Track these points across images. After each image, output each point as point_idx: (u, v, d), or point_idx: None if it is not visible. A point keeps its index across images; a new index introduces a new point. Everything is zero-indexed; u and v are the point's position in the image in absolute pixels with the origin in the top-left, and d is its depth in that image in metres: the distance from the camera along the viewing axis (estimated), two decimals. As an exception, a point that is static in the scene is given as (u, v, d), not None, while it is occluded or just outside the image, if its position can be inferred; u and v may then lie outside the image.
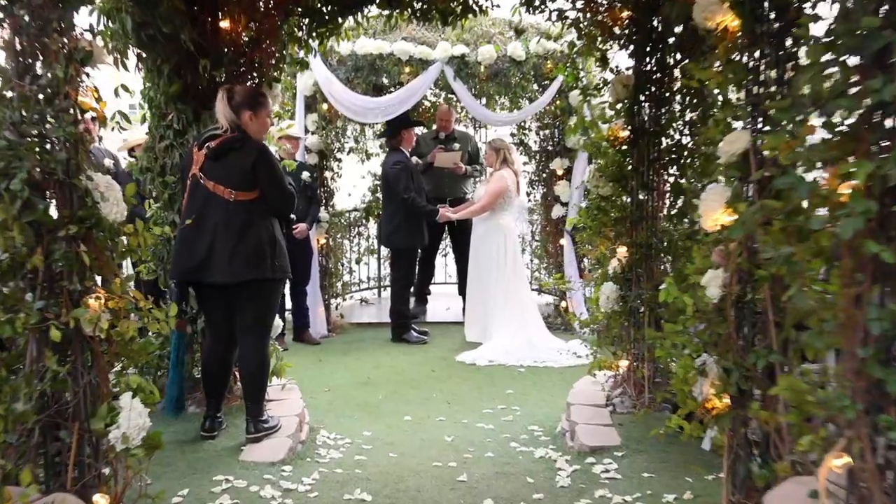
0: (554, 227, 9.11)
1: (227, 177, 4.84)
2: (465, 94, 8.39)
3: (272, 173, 4.93)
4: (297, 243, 8.17)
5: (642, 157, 5.50)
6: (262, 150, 4.95)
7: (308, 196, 8.32)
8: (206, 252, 4.84)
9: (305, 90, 8.56)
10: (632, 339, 5.61)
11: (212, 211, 4.85)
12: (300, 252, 8.35)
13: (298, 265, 8.34)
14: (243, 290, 4.90)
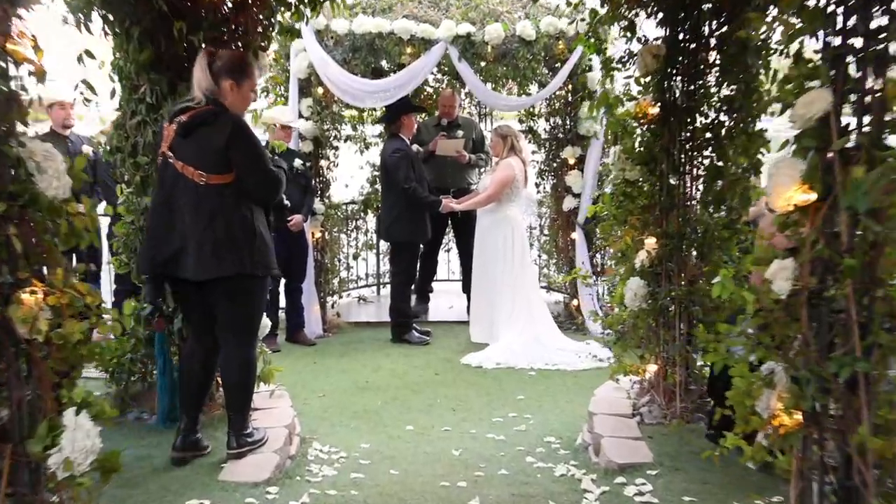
0: (565, 219, 8.47)
1: (198, 157, 4.17)
2: (470, 77, 7.75)
3: (250, 152, 4.25)
4: (291, 237, 7.59)
5: (673, 137, 4.88)
6: (239, 124, 4.25)
7: (302, 185, 7.72)
8: (178, 243, 4.18)
9: (299, 73, 7.93)
10: (661, 341, 4.98)
11: (182, 196, 4.19)
12: (295, 246, 7.76)
13: (294, 260, 7.77)
14: (218, 287, 4.24)
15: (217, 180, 4.16)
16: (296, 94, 8.04)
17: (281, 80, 8.19)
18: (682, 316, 4.87)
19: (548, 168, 8.76)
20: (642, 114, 4.94)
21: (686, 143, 4.87)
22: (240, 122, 4.28)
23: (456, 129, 8.56)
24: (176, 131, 4.20)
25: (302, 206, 7.69)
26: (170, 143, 4.22)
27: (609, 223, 5.23)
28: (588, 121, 8.02)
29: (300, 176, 7.67)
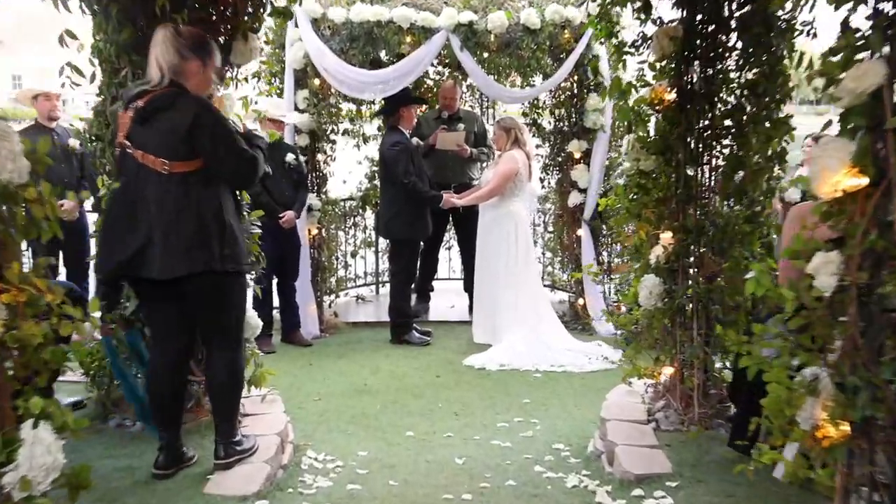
0: (570, 216, 8.15)
1: (159, 144, 3.76)
2: (472, 67, 7.43)
3: (218, 134, 3.82)
4: (283, 234, 7.28)
5: (691, 124, 4.56)
6: (203, 105, 3.83)
7: (295, 180, 7.39)
8: (142, 239, 3.77)
9: (295, 63, 7.61)
10: (678, 342, 4.67)
11: (144, 188, 3.79)
12: (288, 244, 7.44)
13: (287, 258, 7.46)
14: (188, 286, 3.85)
15: (182, 168, 3.76)
16: (291, 85, 7.73)
17: (273, 66, 7.86)
18: (701, 315, 4.55)
19: (552, 162, 8.44)
20: (657, 100, 4.62)
21: (704, 132, 4.55)
22: (204, 102, 3.86)
23: (457, 123, 8.25)
24: (133, 118, 3.80)
25: (294, 201, 7.37)
26: (127, 131, 3.82)
27: (622, 217, 4.91)
28: (594, 113, 7.71)
29: (292, 171, 7.35)
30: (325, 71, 7.49)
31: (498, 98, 8.45)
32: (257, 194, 6.93)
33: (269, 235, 6.95)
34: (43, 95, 6.97)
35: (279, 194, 7.22)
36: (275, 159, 7.18)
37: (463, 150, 8.03)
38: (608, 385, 6.15)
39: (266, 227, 6.97)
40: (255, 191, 6.95)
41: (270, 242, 7.08)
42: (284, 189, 7.27)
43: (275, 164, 7.21)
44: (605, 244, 8.27)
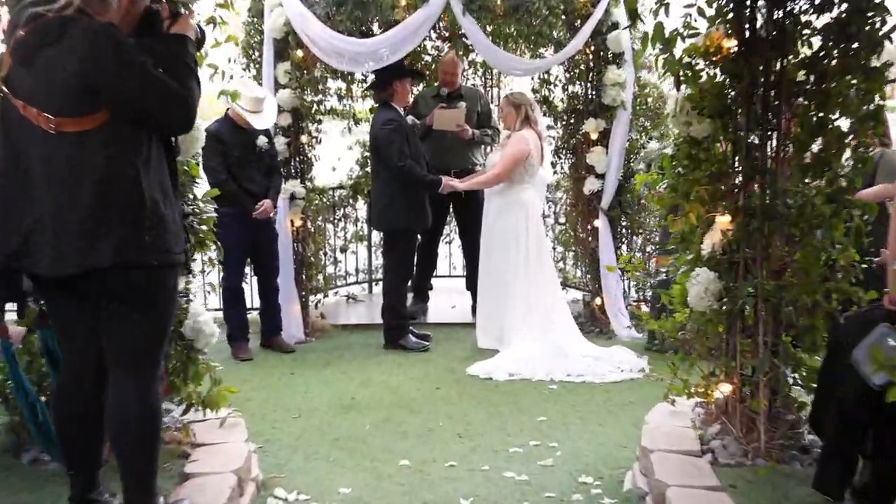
0: (585, 205, 7.17)
1: (44, 92, 2.69)
2: (477, 34, 6.45)
3: (126, 69, 2.70)
4: (256, 224, 6.33)
5: (755, 79, 3.59)
6: (101, 33, 2.69)
7: (267, 165, 6.46)
8: (30, 222, 2.74)
9: (275, 32, 6.64)
10: (738, 353, 3.69)
11: (32, 151, 2.74)
12: (265, 236, 6.49)
13: (262, 251, 6.49)
14: (92, 285, 2.80)
15: (72, 126, 2.67)
16: (271, 57, 6.76)
17: (251, 36, 6.91)
18: (767, 319, 3.58)
19: (566, 145, 7.44)
20: (714, 48, 3.65)
21: (773, 88, 3.58)
22: (103, 30, 2.70)
23: (458, 101, 7.29)
24: (11, 53, 2.75)
25: (268, 189, 6.40)
26: (7, 70, 2.76)
27: (666, 196, 3.93)
28: (614, 88, 6.74)
29: (264, 155, 6.37)
30: (308, 39, 6.52)
31: (506, 69, 7.39)
32: (223, 182, 6.00)
33: (239, 226, 6.13)
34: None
35: (249, 182, 6.27)
36: (243, 143, 6.27)
37: (463, 130, 7.07)
38: (636, 399, 5.25)
39: (235, 216, 6.09)
40: (220, 178, 6.03)
41: (241, 234, 6.20)
42: (254, 175, 6.33)
43: (244, 148, 6.29)
44: (624, 236, 7.31)
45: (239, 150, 6.24)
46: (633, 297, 7.41)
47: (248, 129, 6.24)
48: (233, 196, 6.10)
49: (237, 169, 6.22)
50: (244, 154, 6.26)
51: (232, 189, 6.08)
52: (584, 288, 7.72)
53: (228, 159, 6.21)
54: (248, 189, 6.24)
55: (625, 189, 7.02)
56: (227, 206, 6.25)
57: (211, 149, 6.05)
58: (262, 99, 6.24)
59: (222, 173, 6.13)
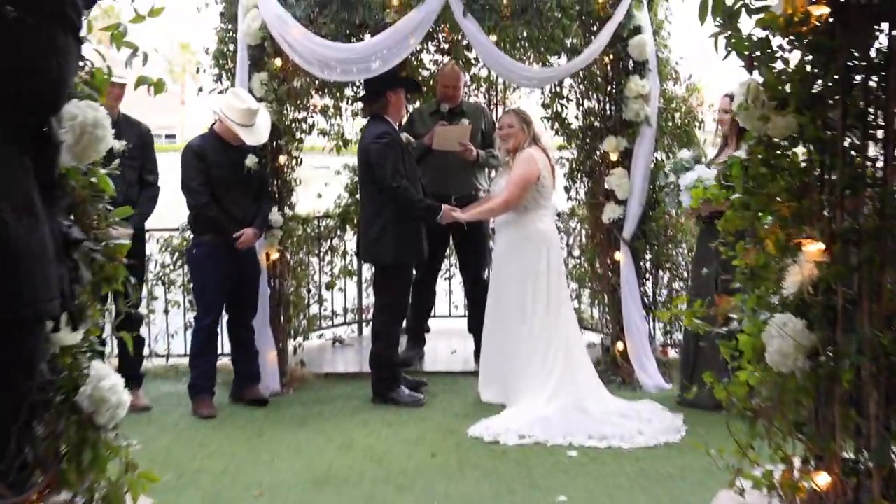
0: (605, 235, 6.20)
1: None
2: (480, 38, 5.53)
3: None
4: (239, 258, 5.48)
5: (852, 62, 2.63)
6: None
7: (255, 188, 5.60)
8: None
9: (250, 37, 5.72)
10: (839, 430, 2.69)
11: None
12: (246, 271, 5.61)
13: (244, 290, 5.58)
14: None
15: None
16: (245, 67, 5.84)
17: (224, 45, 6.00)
18: (881, 385, 2.58)
19: (581, 167, 6.47)
20: (798, 18, 2.68)
21: (879, 70, 2.62)
22: None
23: (459, 118, 6.36)
24: None
25: (254, 217, 5.51)
26: None
27: (734, 216, 2.92)
28: (637, 101, 5.80)
29: (253, 176, 5.49)
30: (287, 46, 5.62)
31: (514, 78, 6.36)
32: (203, 206, 5.12)
33: (219, 257, 5.35)
34: None
35: (234, 206, 5.43)
36: (230, 162, 5.38)
37: (467, 150, 6.12)
38: (674, 470, 4.32)
39: (215, 246, 5.28)
40: (201, 201, 5.14)
41: (221, 267, 5.38)
42: (240, 199, 5.48)
43: (230, 167, 5.36)
44: (647, 270, 6.32)
45: (224, 170, 5.39)
46: (660, 341, 6.43)
47: (236, 145, 5.39)
48: (214, 222, 5.31)
49: (221, 191, 5.39)
50: (230, 175, 5.41)
51: (213, 214, 5.30)
52: (603, 330, 6.73)
53: (212, 180, 5.36)
54: (232, 214, 5.39)
55: (650, 217, 6.05)
56: (207, 233, 5.39)
57: (192, 167, 5.30)
58: (255, 111, 5.39)
59: (204, 195, 5.31)
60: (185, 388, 5.56)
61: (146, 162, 5.59)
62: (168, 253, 6.37)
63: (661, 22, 6.02)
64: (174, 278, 6.44)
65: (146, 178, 5.58)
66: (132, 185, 5.50)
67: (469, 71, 7.19)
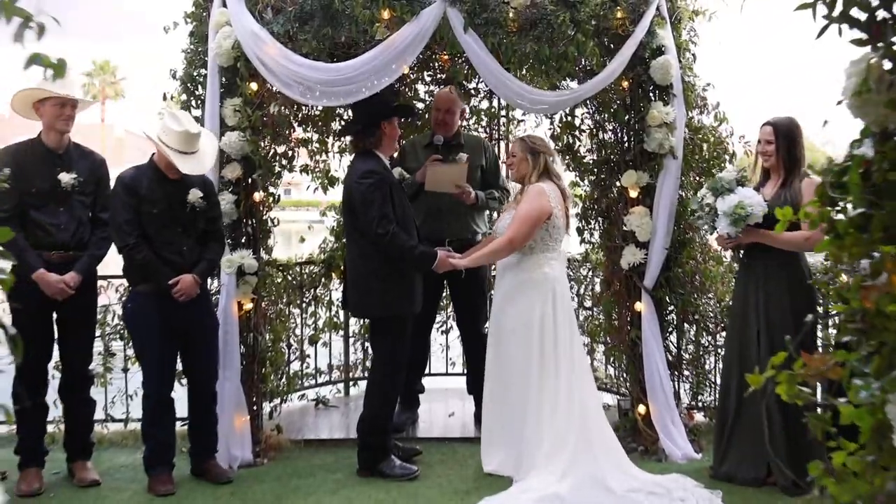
0: (623, 282, 5.41)
1: None
2: (481, 56, 4.80)
3: None
4: (192, 311, 4.66)
5: None
6: None
7: (201, 228, 4.75)
8: None
9: (221, 57, 5.00)
10: None
11: None
12: (199, 325, 4.77)
13: (198, 349, 4.71)
14: None
15: None
16: (216, 92, 5.10)
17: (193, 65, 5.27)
18: None
19: (595, 206, 5.70)
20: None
21: None
22: None
23: (456, 151, 5.61)
24: None
25: (198, 260, 4.69)
26: None
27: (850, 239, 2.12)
28: (660, 130, 5.07)
29: (197, 214, 4.68)
30: (262, 66, 4.89)
31: (521, 104, 5.40)
32: (129, 248, 4.36)
33: (161, 310, 4.51)
34: None
35: (170, 250, 4.60)
36: (168, 197, 4.59)
37: (464, 192, 5.37)
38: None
39: (157, 297, 4.45)
40: (127, 242, 4.37)
41: (165, 321, 4.53)
42: (180, 241, 4.64)
43: (169, 204, 4.44)
44: (671, 322, 5.51)
45: (159, 206, 4.54)
46: (686, 403, 5.61)
47: (176, 177, 4.58)
48: (143, 267, 4.49)
49: (156, 231, 4.54)
50: (165, 211, 4.56)
51: (141, 257, 4.45)
52: (620, 391, 5.92)
53: (145, 218, 4.52)
54: (167, 258, 4.55)
55: (675, 262, 5.27)
56: (141, 282, 4.57)
57: (121, 202, 4.48)
58: (195, 135, 4.57)
59: (131, 235, 4.47)
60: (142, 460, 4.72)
61: (100, 197, 4.82)
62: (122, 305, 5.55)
63: (685, 43, 5.30)
64: (134, 331, 5.60)
65: (99, 215, 4.81)
66: (83, 225, 4.74)
67: (469, 102, 6.47)
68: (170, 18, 5.41)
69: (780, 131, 4.57)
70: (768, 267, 4.58)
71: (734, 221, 4.44)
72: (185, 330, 4.63)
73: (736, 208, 4.42)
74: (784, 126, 4.58)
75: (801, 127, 4.63)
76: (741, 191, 4.50)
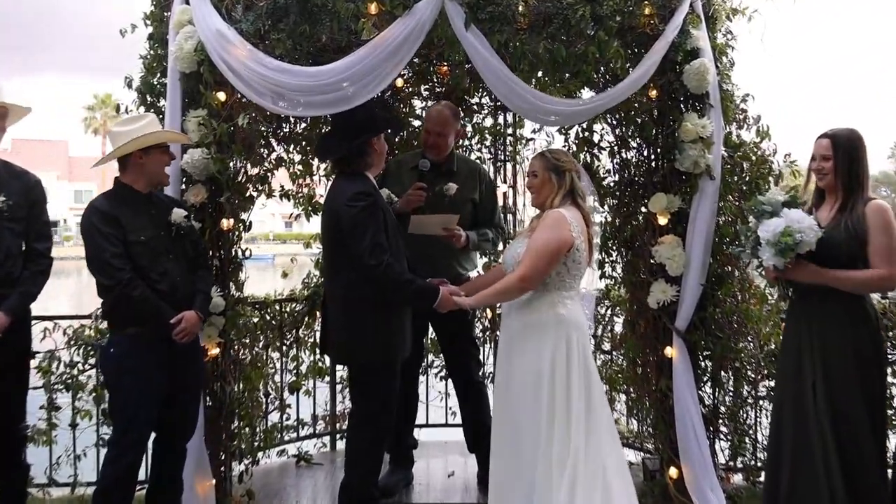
0: (650, 324, 4.57)
1: None
2: (487, 59, 4.01)
3: None
4: (176, 356, 3.87)
5: None
6: None
7: (189, 253, 3.98)
8: None
9: (183, 62, 4.23)
10: None
11: None
12: (192, 373, 4.03)
13: (181, 402, 3.94)
14: None
15: None
16: (178, 103, 4.33)
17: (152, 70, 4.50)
18: None
19: (617, 235, 4.87)
20: None
21: None
22: None
23: (445, 180, 4.73)
24: None
25: (193, 292, 3.91)
26: None
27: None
28: (694, 147, 4.28)
29: (183, 237, 3.91)
30: (228, 70, 4.10)
31: (533, 114, 4.56)
32: (126, 284, 3.69)
33: (148, 358, 3.78)
34: None
35: (166, 282, 3.80)
36: (151, 219, 3.83)
37: (453, 235, 4.55)
38: None
39: (143, 343, 3.76)
40: (123, 278, 3.64)
41: (153, 372, 3.80)
42: (173, 272, 3.85)
43: (153, 229, 3.65)
44: (708, 370, 4.67)
45: (148, 233, 3.79)
46: (723, 463, 4.76)
47: (146, 193, 3.90)
48: (142, 306, 3.70)
49: (145, 262, 3.76)
50: (154, 238, 3.81)
51: (139, 294, 3.68)
52: (644, 447, 5.08)
53: (133, 249, 3.74)
54: (162, 292, 3.77)
55: (711, 299, 4.45)
56: (130, 325, 3.74)
57: (101, 235, 3.67)
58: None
59: (125, 270, 3.68)
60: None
61: (34, 224, 4.02)
62: (77, 348, 4.70)
63: (721, 46, 4.51)
64: (84, 381, 4.73)
65: (34, 246, 4.00)
66: (13, 256, 3.93)
67: (472, 119, 5.67)
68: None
69: (840, 145, 3.76)
70: (826, 305, 3.76)
71: (781, 251, 3.63)
72: (171, 379, 3.81)
73: (783, 236, 3.61)
74: (844, 139, 3.77)
75: (863, 140, 3.82)
76: (789, 213, 3.69)
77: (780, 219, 3.68)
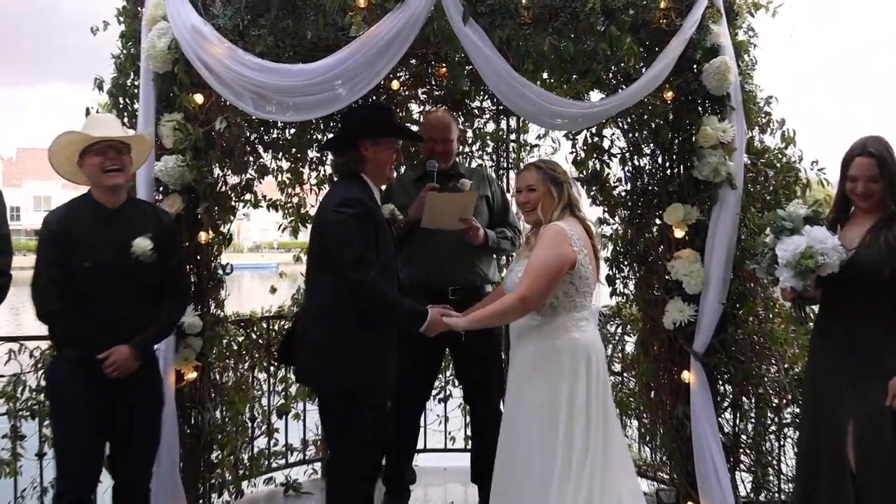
0: (665, 345, 4.17)
1: None
2: (488, 57, 3.61)
3: None
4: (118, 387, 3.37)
5: None
6: None
7: (153, 282, 3.50)
8: None
9: (156, 61, 3.85)
10: None
11: None
12: (139, 405, 3.52)
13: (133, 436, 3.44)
14: None
15: None
16: (151, 106, 3.95)
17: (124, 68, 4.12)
18: None
19: (629, 249, 4.46)
20: None
21: None
22: None
23: (456, 181, 4.41)
24: None
25: (147, 323, 3.46)
26: None
27: None
28: (713, 153, 3.88)
29: (141, 269, 3.43)
30: (205, 69, 3.72)
31: (540, 117, 4.04)
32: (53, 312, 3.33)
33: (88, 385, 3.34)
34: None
35: (109, 309, 3.36)
36: (109, 240, 3.41)
37: (470, 228, 4.16)
38: None
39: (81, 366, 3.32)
40: (48, 309, 3.28)
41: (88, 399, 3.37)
42: (123, 299, 3.39)
43: (110, 250, 3.19)
44: (728, 395, 4.26)
45: (102, 258, 3.35)
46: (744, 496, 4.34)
47: (111, 207, 3.46)
48: (68, 333, 3.34)
49: (91, 287, 3.33)
50: (109, 265, 3.36)
51: (63, 323, 3.32)
52: (657, 476, 4.67)
53: (79, 274, 3.32)
54: (103, 321, 3.32)
55: (732, 320, 4.05)
56: (69, 346, 3.37)
57: (43, 255, 3.33)
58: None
59: (52, 299, 3.31)
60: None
61: None
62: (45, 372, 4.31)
63: (743, 44, 4.11)
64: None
65: None
66: None
67: (472, 124, 5.28)
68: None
69: (885, 162, 3.33)
70: (862, 330, 3.35)
71: (800, 273, 3.23)
72: (120, 407, 3.39)
73: (803, 258, 3.21)
74: (887, 154, 3.36)
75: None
76: (812, 232, 3.29)
77: (802, 237, 3.28)
